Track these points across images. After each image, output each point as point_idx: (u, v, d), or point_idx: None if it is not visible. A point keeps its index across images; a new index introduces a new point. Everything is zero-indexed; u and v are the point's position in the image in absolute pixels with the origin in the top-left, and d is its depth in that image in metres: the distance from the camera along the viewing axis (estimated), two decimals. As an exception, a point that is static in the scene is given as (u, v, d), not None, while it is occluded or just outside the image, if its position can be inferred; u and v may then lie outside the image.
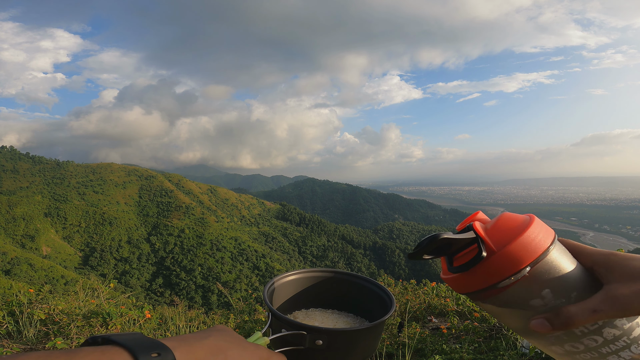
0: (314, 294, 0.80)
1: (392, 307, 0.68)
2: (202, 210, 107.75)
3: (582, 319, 0.41)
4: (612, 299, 0.42)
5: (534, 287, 0.44)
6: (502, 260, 0.44)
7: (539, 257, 0.44)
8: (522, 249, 0.44)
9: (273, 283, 0.75)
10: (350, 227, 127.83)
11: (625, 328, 0.44)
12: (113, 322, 2.42)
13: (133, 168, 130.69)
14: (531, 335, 0.46)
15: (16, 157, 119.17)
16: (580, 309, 0.42)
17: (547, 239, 0.45)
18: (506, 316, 0.47)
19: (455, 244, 0.47)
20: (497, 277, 0.44)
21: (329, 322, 0.75)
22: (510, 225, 0.47)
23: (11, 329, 2.57)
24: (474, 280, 0.46)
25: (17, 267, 58.40)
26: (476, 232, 0.47)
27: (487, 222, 0.49)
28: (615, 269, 0.45)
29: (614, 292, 0.42)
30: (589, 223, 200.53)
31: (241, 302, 4.65)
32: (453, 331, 3.08)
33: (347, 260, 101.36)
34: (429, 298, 4.20)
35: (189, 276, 78.73)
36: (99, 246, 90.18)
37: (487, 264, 0.45)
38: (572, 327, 0.41)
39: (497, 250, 0.44)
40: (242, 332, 3.23)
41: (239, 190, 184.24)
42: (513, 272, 0.44)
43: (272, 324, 0.63)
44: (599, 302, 0.42)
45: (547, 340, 0.45)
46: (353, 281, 0.80)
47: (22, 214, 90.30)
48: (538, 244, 0.45)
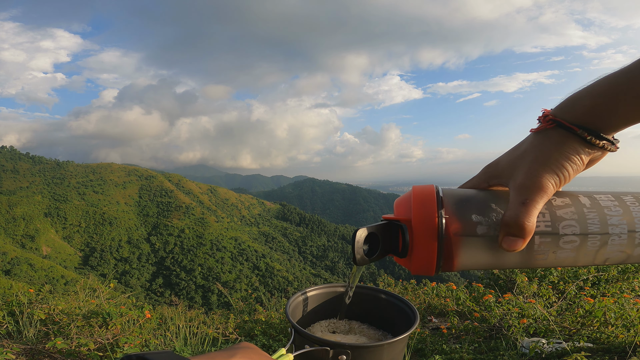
0: (334, 308, 0.80)
1: (416, 321, 0.67)
2: (202, 210, 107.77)
3: (522, 214, 0.42)
4: (521, 186, 0.44)
5: (462, 220, 0.45)
6: (420, 220, 0.46)
7: (438, 196, 0.46)
8: (422, 202, 0.46)
9: (295, 299, 0.75)
10: (350, 227, 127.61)
11: (565, 211, 0.45)
12: (113, 322, 2.43)
13: (133, 168, 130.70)
14: (526, 258, 0.46)
15: (16, 157, 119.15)
16: (512, 208, 0.43)
17: (431, 187, 0.48)
18: (484, 257, 0.47)
19: (379, 236, 0.50)
20: (431, 231, 0.45)
21: (351, 337, 0.74)
22: (402, 199, 0.50)
23: (11, 329, 2.57)
24: (424, 248, 0.46)
25: (17, 267, 58.42)
26: (386, 219, 0.50)
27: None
28: (503, 172, 0.48)
29: (518, 182, 0.45)
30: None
31: (241, 302, 4.65)
32: (453, 331, 3.08)
33: (347, 261, 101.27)
34: (429, 298, 4.20)
35: (189, 276, 78.73)
36: (99, 246, 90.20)
37: (415, 231, 0.46)
38: (523, 225, 0.42)
39: (412, 218, 0.46)
40: (242, 332, 3.24)
41: (239, 190, 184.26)
42: (435, 223, 0.45)
43: (295, 340, 0.63)
44: (518, 195, 0.44)
45: (536, 253, 0.46)
46: (374, 295, 0.80)
47: (22, 214, 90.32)
48: (427, 191, 0.47)
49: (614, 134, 0.45)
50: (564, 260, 0.46)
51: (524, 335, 2.48)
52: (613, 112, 0.43)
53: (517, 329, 2.47)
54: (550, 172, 0.44)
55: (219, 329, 3.06)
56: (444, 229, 0.45)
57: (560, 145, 0.44)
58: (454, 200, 0.47)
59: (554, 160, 0.44)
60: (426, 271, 0.48)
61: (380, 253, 0.50)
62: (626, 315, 2.13)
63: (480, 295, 3.32)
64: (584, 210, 0.45)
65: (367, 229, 0.49)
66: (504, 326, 2.59)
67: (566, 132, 0.44)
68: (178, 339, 2.65)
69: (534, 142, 0.46)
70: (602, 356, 1.95)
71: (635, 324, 2.11)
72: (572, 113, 0.44)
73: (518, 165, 0.46)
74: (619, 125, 0.44)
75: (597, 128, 0.44)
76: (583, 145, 0.44)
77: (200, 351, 2.53)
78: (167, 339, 2.65)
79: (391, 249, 0.50)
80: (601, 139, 0.44)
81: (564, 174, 0.44)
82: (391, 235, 0.50)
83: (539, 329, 2.41)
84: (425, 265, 0.47)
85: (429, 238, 0.45)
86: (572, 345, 2.07)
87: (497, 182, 0.50)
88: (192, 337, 2.72)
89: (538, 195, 0.43)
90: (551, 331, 2.35)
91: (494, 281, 3.99)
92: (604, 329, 2.22)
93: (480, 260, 0.47)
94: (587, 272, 3.42)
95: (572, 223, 0.45)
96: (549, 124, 0.45)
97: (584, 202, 0.46)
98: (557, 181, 0.44)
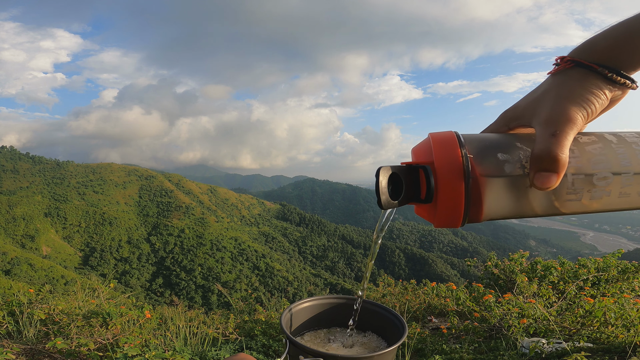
0: (327, 319, 0.82)
1: (405, 332, 0.69)
2: (202, 210, 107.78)
3: (554, 146, 0.41)
4: (548, 119, 0.42)
5: (488, 159, 0.43)
6: (443, 160, 0.43)
7: (458, 138, 0.44)
8: (444, 144, 0.44)
9: (289, 310, 0.76)
10: (350, 227, 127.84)
11: (594, 147, 0.44)
12: (113, 322, 2.43)
13: (133, 168, 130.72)
14: (559, 200, 0.44)
15: (16, 157, 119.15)
16: (542, 141, 0.41)
17: (449, 131, 0.46)
18: (513, 202, 0.44)
19: (402, 178, 0.46)
20: (457, 170, 0.42)
21: (347, 349, 0.75)
22: (420, 145, 0.49)
23: (11, 329, 2.57)
24: (451, 189, 0.43)
25: (17, 267, 58.41)
26: (408, 165, 0.47)
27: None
28: (524, 112, 0.47)
29: (544, 116, 0.43)
30: (589, 223, 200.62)
31: (241, 302, 4.65)
32: (453, 331, 3.08)
33: (347, 261, 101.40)
34: (429, 298, 4.20)
35: (189, 276, 78.75)
36: (99, 246, 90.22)
37: (439, 172, 0.43)
38: (556, 157, 0.40)
39: (435, 159, 0.44)
40: (242, 332, 3.24)
41: (239, 190, 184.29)
42: (459, 161, 0.42)
43: (290, 351, 0.64)
44: (546, 128, 0.42)
45: (570, 192, 0.43)
46: (365, 307, 0.80)
47: (22, 214, 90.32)
48: (447, 134, 0.45)
49: (633, 74, 0.45)
50: (599, 200, 0.44)
51: (524, 335, 2.48)
52: (631, 51, 0.43)
53: (517, 329, 2.47)
54: (577, 105, 0.42)
55: (219, 329, 3.06)
56: (469, 169, 0.42)
57: (583, 81, 0.44)
58: (476, 141, 0.45)
59: (578, 95, 0.43)
60: (453, 219, 0.44)
61: (404, 198, 0.47)
62: (626, 315, 2.13)
63: (480, 295, 3.32)
64: (612, 146, 0.44)
65: (391, 168, 0.46)
66: (504, 326, 2.59)
67: (586, 71, 0.44)
68: (178, 339, 2.65)
69: (554, 81, 0.46)
70: (602, 356, 1.95)
71: (635, 324, 2.11)
72: (591, 54, 0.44)
73: (540, 103, 0.45)
74: (638, 65, 0.44)
75: (617, 66, 0.44)
76: (604, 81, 0.44)
77: (200, 351, 2.54)
78: (167, 339, 2.65)
79: (414, 196, 0.47)
80: (622, 76, 0.44)
81: (590, 107, 0.43)
82: (412, 181, 0.47)
83: (539, 329, 2.41)
84: (453, 210, 0.44)
85: (455, 177, 0.42)
86: (572, 345, 2.07)
87: (517, 123, 0.48)
88: (192, 337, 2.72)
89: (567, 127, 0.41)
90: (551, 331, 2.36)
91: (494, 281, 3.99)
92: (604, 329, 2.22)
93: (509, 205, 0.44)
94: (587, 272, 3.43)
95: (603, 159, 0.43)
96: (567, 64, 0.45)
97: (610, 139, 0.45)
98: (584, 114, 0.43)
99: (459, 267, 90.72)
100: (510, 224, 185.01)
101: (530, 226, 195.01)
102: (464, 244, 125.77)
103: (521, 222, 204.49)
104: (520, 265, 3.83)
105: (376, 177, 0.45)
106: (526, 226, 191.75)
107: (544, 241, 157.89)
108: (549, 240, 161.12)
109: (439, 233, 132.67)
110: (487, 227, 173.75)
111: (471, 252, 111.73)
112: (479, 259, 4.78)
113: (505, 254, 5.62)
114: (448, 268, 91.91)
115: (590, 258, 3.80)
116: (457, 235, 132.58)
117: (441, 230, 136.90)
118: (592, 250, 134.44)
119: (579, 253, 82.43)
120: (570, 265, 3.76)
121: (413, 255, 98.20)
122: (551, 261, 3.85)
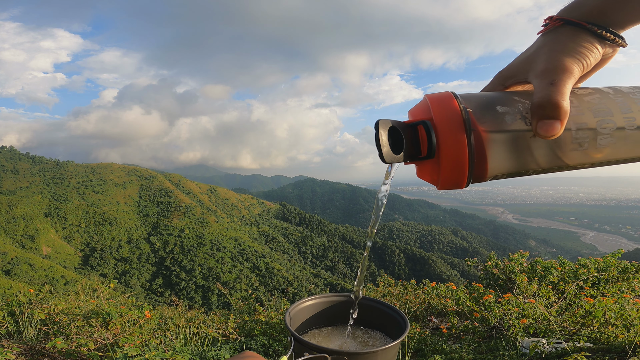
0: (331, 317, 0.85)
1: (407, 328, 0.71)
2: (202, 210, 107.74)
3: (554, 92, 0.41)
4: (545, 70, 0.43)
5: (487, 113, 0.43)
6: (442, 114, 0.43)
7: (455, 96, 0.44)
8: (441, 100, 0.44)
9: (293, 308, 0.78)
10: (350, 227, 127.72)
11: (593, 97, 0.44)
12: (113, 322, 2.43)
13: (133, 168, 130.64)
14: (564, 151, 0.43)
15: (16, 157, 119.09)
16: (542, 90, 0.42)
17: (446, 92, 0.46)
18: (517, 155, 0.43)
19: (402, 133, 0.45)
20: (457, 123, 0.42)
21: (351, 343, 0.78)
22: (417, 105, 0.48)
23: (11, 329, 2.57)
24: (453, 143, 0.42)
25: (17, 267, 58.37)
26: (408, 123, 0.46)
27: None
28: (518, 69, 0.48)
29: (540, 68, 0.43)
30: (589, 223, 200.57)
31: (241, 302, 4.65)
32: (453, 331, 3.08)
33: (347, 260, 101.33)
34: (428, 298, 4.20)
35: (189, 276, 78.70)
36: (99, 246, 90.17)
37: (440, 127, 0.42)
38: (558, 103, 0.40)
39: (433, 115, 0.43)
40: (242, 332, 3.24)
41: (239, 190, 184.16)
42: (459, 115, 0.42)
43: (295, 348, 0.65)
44: (544, 78, 0.42)
45: (575, 141, 0.43)
46: (367, 304, 0.83)
47: (22, 214, 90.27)
48: (443, 93, 0.45)
49: (621, 32, 0.46)
50: (603, 149, 0.43)
51: (524, 335, 2.48)
52: (619, 9, 0.44)
53: (517, 329, 2.47)
54: (572, 57, 0.43)
55: (219, 329, 3.06)
56: (470, 121, 0.42)
57: (574, 37, 0.44)
58: (474, 97, 0.45)
59: (571, 48, 0.43)
60: (457, 176, 0.43)
61: (406, 155, 0.46)
62: (626, 315, 2.13)
63: (480, 295, 3.32)
64: (609, 96, 0.44)
65: (391, 121, 0.45)
66: (504, 326, 2.59)
67: (576, 28, 0.44)
68: (178, 339, 2.65)
69: (545, 39, 0.46)
70: (602, 356, 1.95)
71: (635, 324, 2.11)
72: (580, 12, 0.45)
73: (535, 58, 0.46)
74: (626, 23, 0.45)
75: (606, 24, 0.44)
76: (594, 37, 0.44)
77: (200, 351, 2.54)
78: (167, 339, 2.65)
79: (414, 154, 0.46)
80: (612, 33, 0.44)
81: (585, 60, 0.43)
82: (412, 137, 0.45)
83: (539, 329, 2.40)
84: (457, 165, 0.42)
85: (457, 129, 0.41)
86: (572, 345, 2.07)
87: (513, 81, 0.49)
88: (192, 337, 2.72)
89: (565, 75, 0.42)
90: (551, 331, 2.35)
91: (494, 281, 3.99)
92: (604, 329, 2.22)
93: (513, 159, 0.43)
94: (587, 272, 3.42)
95: (604, 107, 0.43)
96: (557, 22, 0.45)
97: (606, 90, 0.45)
98: (580, 66, 0.43)
99: (459, 267, 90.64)
100: (510, 224, 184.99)
101: (530, 226, 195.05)
102: (464, 244, 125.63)
103: (521, 222, 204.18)
104: (520, 265, 3.83)
105: (375, 129, 0.43)
106: (526, 226, 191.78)
107: (544, 241, 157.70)
108: (549, 240, 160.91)
109: (439, 233, 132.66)
110: (487, 227, 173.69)
111: (471, 252, 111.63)
112: (479, 259, 4.77)
113: (505, 254, 5.62)
114: (448, 268, 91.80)
115: (590, 258, 3.80)
116: (457, 235, 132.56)
117: (441, 231, 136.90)
118: (592, 250, 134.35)
119: (579, 253, 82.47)
120: (570, 265, 3.76)
121: (413, 255, 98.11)
122: (551, 261, 3.85)
